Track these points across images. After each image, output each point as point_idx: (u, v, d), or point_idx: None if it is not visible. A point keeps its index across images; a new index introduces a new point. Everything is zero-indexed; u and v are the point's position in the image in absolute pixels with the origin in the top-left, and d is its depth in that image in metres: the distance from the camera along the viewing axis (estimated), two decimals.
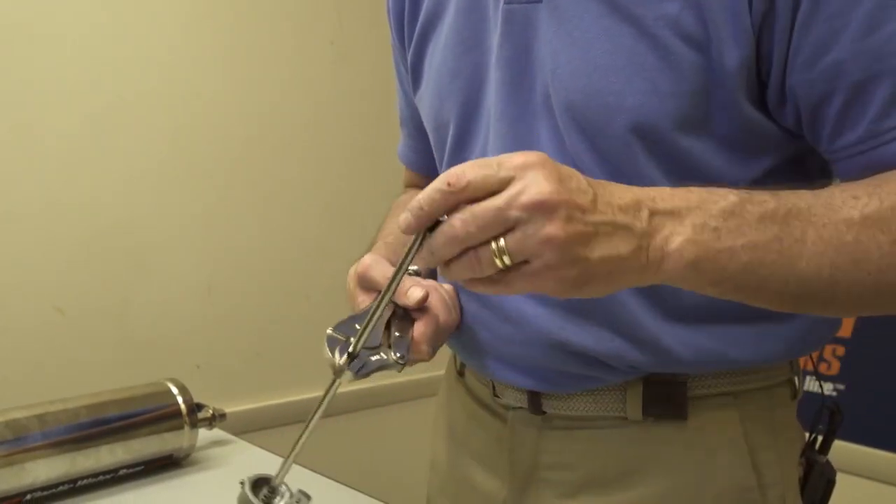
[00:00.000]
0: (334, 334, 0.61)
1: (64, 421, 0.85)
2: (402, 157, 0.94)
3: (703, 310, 0.64)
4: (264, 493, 0.63)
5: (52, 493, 0.83)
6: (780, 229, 0.52)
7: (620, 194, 0.51)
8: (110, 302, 1.46)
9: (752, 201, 0.53)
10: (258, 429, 1.50)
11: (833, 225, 0.53)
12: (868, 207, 0.53)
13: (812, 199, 0.54)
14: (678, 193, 0.53)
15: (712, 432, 0.66)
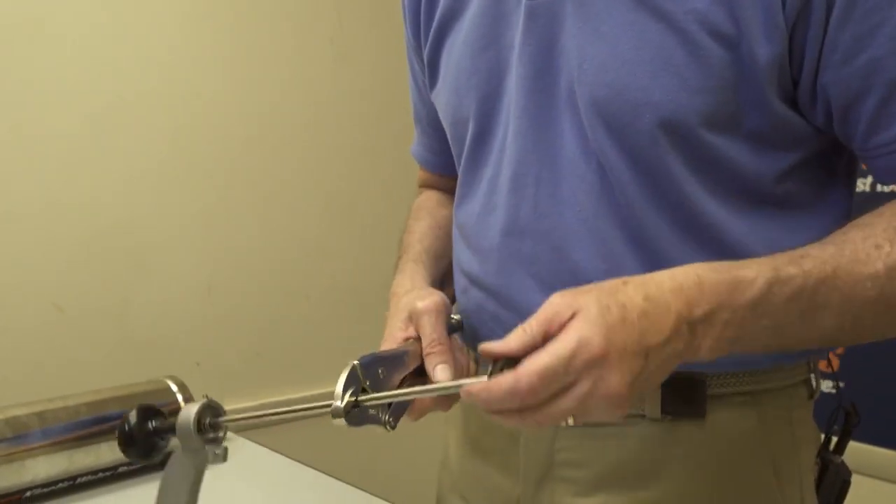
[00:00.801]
0: (357, 373, 0.59)
1: (64, 419, 0.85)
2: (417, 155, 0.94)
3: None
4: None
5: (52, 490, 0.84)
6: (807, 303, 0.54)
7: (662, 320, 0.52)
8: (110, 301, 1.46)
9: (779, 281, 0.54)
10: (257, 426, 1.50)
11: (859, 283, 0.54)
12: (891, 257, 0.54)
13: (837, 258, 0.55)
14: (708, 286, 0.53)
15: (730, 431, 0.66)
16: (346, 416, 0.56)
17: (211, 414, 0.64)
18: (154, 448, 0.66)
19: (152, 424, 0.65)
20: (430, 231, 0.85)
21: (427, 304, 0.67)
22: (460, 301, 0.79)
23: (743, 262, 0.55)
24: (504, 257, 0.70)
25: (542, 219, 0.67)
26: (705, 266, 0.54)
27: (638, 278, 0.53)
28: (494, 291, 0.72)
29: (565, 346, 0.49)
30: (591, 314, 0.50)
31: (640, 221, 0.64)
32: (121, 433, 0.64)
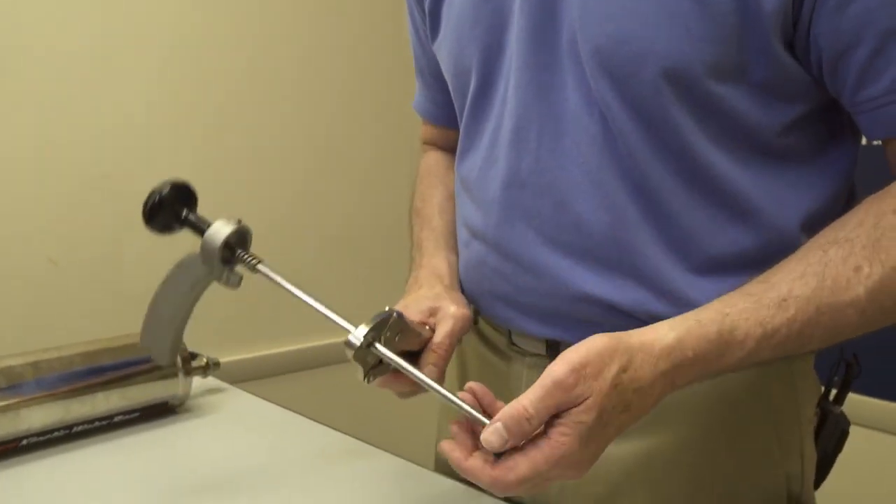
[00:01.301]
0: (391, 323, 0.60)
1: (58, 369, 0.86)
2: (419, 108, 0.93)
3: (729, 262, 0.65)
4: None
5: (48, 438, 0.84)
6: (791, 346, 0.55)
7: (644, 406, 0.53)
8: (104, 253, 1.45)
9: (766, 337, 0.55)
10: (253, 378, 1.51)
11: (841, 312, 0.55)
12: (871, 279, 0.55)
13: (819, 294, 0.55)
14: (700, 359, 0.54)
15: (730, 382, 0.67)
16: (356, 351, 0.58)
17: (238, 238, 0.64)
18: (171, 229, 0.67)
19: (185, 212, 0.66)
20: (447, 203, 0.85)
21: (459, 314, 0.69)
22: (462, 254, 0.79)
23: (735, 311, 0.55)
24: (505, 210, 0.70)
25: (544, 172, 0.67)
26: (700, 332, 0.54)
27: (639, 357, 0.53)
28: (496, 244, 0.72)
29: (548, 459, 0.51)
30: (583, 428, 0.51)
31: (643, 173, 0.63)
32: (150, 201, 0.66)
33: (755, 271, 0.65)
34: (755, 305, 0.55)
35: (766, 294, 0.55)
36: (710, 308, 0.55)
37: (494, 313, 0.76)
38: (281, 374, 1.67)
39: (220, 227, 0.63)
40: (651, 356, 0.53)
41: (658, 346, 0.53)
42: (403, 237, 0.91)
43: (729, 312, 0.55)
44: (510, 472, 0.51)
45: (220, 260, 0.63)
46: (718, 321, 0.54)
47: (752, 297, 0.55)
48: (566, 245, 0.67)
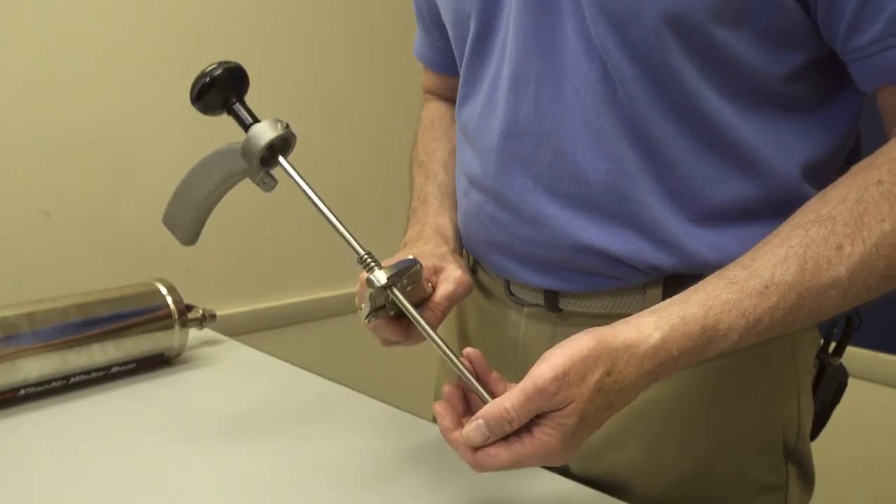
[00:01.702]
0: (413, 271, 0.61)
1: (53, 320, 0.85)
2: (419, 55, 0.91)
3: (729, 212, 0.64)
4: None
5: (46, 388, 0.84)
6: (774, 332, 0.56)
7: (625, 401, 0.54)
8: (97, 205, 1.44)
9: (748, 328, 0.55)
10: (249, 331, 1.51)
11: (823, 295, 0.55)
12: (853, 258, 0.54)
13: (800, 278, 0.54)
14: (683, 356, 0.54)
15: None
16: (375, 289, 0.58)
17: (283, 145, 0.63)
18: (214, 109, 0.64)
19: (233, 101, 0.64)
20: (450, 158, 0.84)
21: (463, 279, 0.69)
22: (461, 204, 0.78)
23: (718, 303, 0.55)
24: (504, 159, 0.69)
25: (543, 119, 0.66)
26: (684, 330, 0.54)
27: (623, 359, 0.53)
28: (494, 193, 0.71)
29: (531, 455, 0.53)
30: (566, 430, 0.52)
31: (643, 121, 0.62)
32: (201, 81, 0.63)
33: (755, 221, 0.64)
34: (738, 296, 0.55)
35: (748, 282, 0.55)
36: (694, 301, 0.55)
37: (492, 263, 0.75)
38: (278, 327, 1.67)
39: (265, 128, 0.61)
40: (636, 357, 0.53)
41: (643, 348, 0.53)
42: (401, 187, 0.90)
43: (712, 305, 0.55)
44: (491, 459, 0.53)
45: (259, 160, 0.61)
46: (702, 317, 0.54)
47: (734, 286, 0.55)
48: (565, 194, 0.66)
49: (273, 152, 0.62)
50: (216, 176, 0.64)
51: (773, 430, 0.70)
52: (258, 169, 0.62)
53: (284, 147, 0.62)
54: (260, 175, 0.63)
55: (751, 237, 0.64)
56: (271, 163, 0.62)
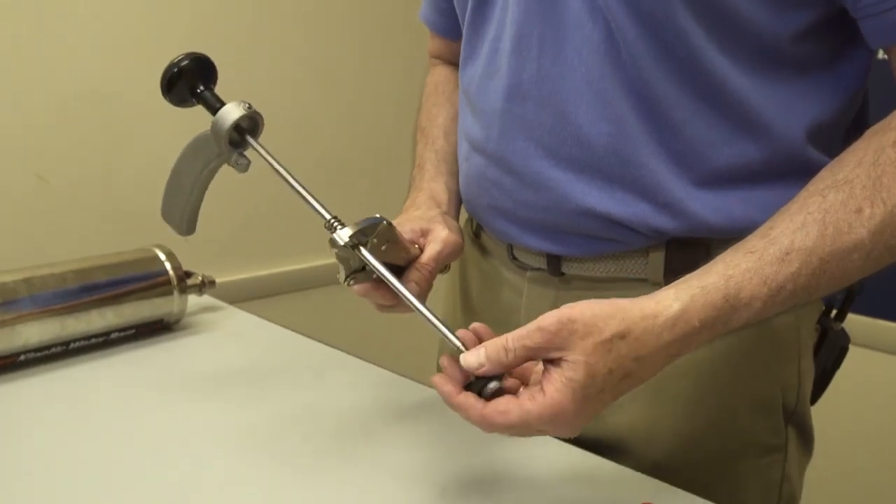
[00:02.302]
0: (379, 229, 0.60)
1: (52, 285, 0.85)
2: (425, 18, 0.89)
3: (734, 175, 0.63)
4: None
5: (46, 354, 0.84)
6: (797, 300, 0.54)
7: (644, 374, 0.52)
8: (94, 171, 1.43)
9: (771, 295, 0.53)
10: (249, 299, 1.51)
11: (845, 259, 0.53)
12: (874, 219, 0.53)
13: (821, 244, 0.53)
14: (707, 327, 0.52)
15: None
16: (339, 248, 0.58)
17: (249, 123, 0.64)
18: (186, 102, 0.67)
19: (200, 88, 0.66)
20: (452, 125, 0.83)
21: (449, 239, 0.69)
22: (462, 168, 0.78)
23: (738, 272, 0.53)
24: (506, 122, 0.69)
25: (545, 82, 0.65)
26: (705, 299, 0.53)
27: (640, 326, 0.51)
28: (496, 157, 0.71)
29: (541, 414, 0.51)
30: (575, 386, 0.50)
31: (646, 82, 0.61)
32: (169, 72, 0.66)
33: (759, 184, 0.64)
34: (758, 264, 0.53)
35: (768, 250, 0.54)
36: (713, 272, 0.54)
37: (495, 228, 0.75)
38: (278, 294, 1.67)
39: (230, 109, 0.63)
40: (655, 327, 0.52)
41: (662, 318, 0.52)
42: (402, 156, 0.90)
43: (732, 275, 0.53)
44: (500, 416, 0.51)
45: (227, 142, 0.63)
46: (723, 286, 0.53)
47: (753, 254, 0.54)
48: (567, 158, 0.66)
49: (241, 133, 0.63)
50: (197, 164, 0.65)
51: (773, 392, 0.70)
52: (229, 151, 0.63)
53: (254, 129, 0.64)
54: (233, 157, 0.64)
55: (755, 200, 0.63)
56: (242, 144, 0.64)
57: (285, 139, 1.66)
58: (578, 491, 0.63)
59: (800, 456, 0.74)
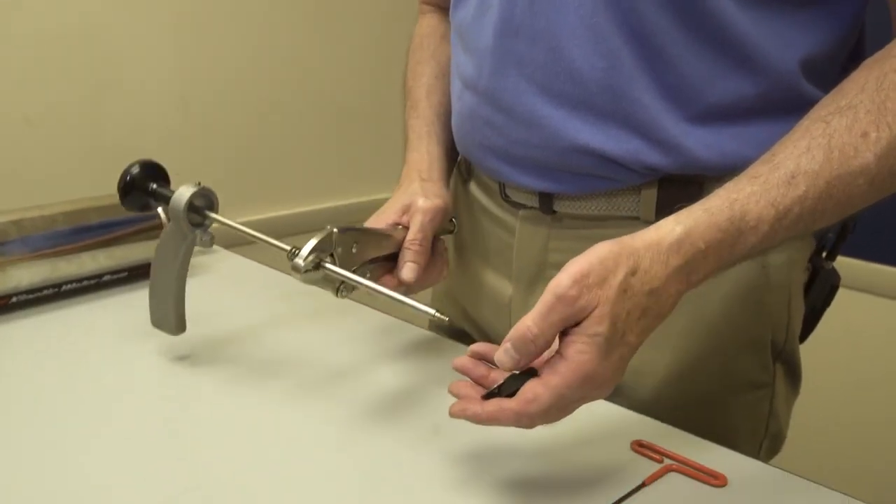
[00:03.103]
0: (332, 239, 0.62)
1: (42, 227, 0.84)
2: None
3: (727, 110, 0.63)
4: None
5: (38, 296, 0.84)
6: (803, 225, 0.53)
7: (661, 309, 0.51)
8: (81, 113, 1.41)
9: (778, 217, 0.52)
10: (242, 243, 1.51)
11: (852, 184, 0.53)
12: (880, 143, 0.52)
13: (828, 167, 0.52)
14: (713, 251, 0.51)
15: None
16: (303, 273, 0.60)
17: (203, 201, 0.68)
18: (147, 206, 0.71)
19: (153, 186, 0.70)
20: (436, 82, 0.82)
21: (427, 206, 0.69)
22: (454, 107, 0.77)
23: (743, 195, 0.52)
24: (498, 59, 0.68)
25: (538, 17, 0.64)
26: (709, 221, 0.51)
27: (647, 257, 0.50)
28: (488, 95, 0.70)
29: (570, 383, 0.49)
30: (600, 340, 0.49)
31: (639, 16, 0.60)
32: (122, 181, 0.70)
33: (753, 120, 0.63)
34: (763, 187, 0.52)
35: (773, 174, 0.53)
36: (717, 196, 0.53)
37: (486, 166, 0.75)
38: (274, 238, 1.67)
39: (182, 191, 0.67)
40: (660, 254, 0.50)
41: (666, 243, 0.51)
42: (394, 98, 0.88)
43: (737, 198, 0.52)
44: (532, 405, 0.49)
45: (188, 222, 0.67)
46: (728, 208, 0.52)
47: (758, 179, 0.53)
48: (560, 94, 0.65)
49: (198, 211, 0.67)
50: (170, 259, 0.70)
51: (763, 331, 0.71)
52: (192, 231, 0.67)
53: (210, 205, 0.68)
54: (199, 235, 0.68)
55: (748, 137, 0.63)
56: (202, 221, 0.68)
57: (275, 78, 1.64)
58: (570, 429, 0.64)
59: (787, 393, 0.75)
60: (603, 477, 0.58)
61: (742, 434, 0.72)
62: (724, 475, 0.57)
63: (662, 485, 0.57)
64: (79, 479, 0.57)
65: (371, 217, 0.72)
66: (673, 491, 0.56)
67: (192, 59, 1.52)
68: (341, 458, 0.60)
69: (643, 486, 0.56)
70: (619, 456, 0.60)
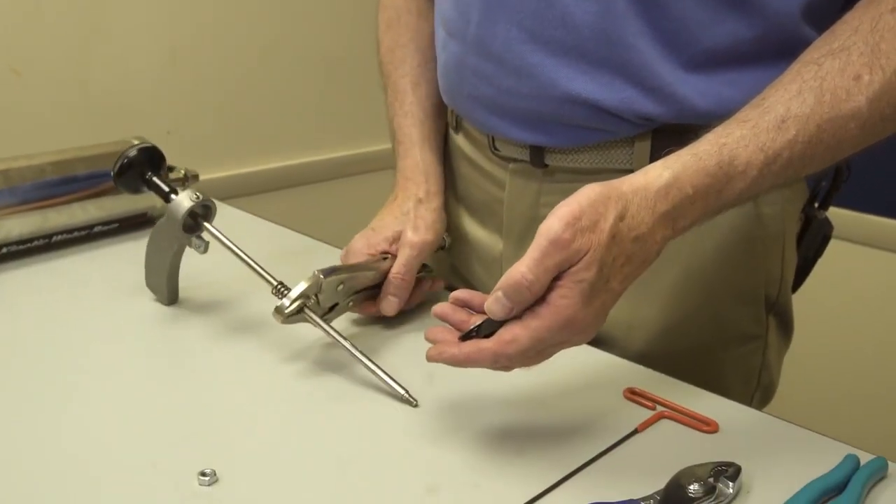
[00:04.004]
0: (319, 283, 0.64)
1: (29, 177, 0.83)
2: None
3: (724, 56, 0.61)
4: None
5: (28, 247, 0.84)
6: (792, 170, 0.52)
7: (646, 256, 0.50)
8: (69, 65, 1.38)
9: (767, 163, 0.51)
10: (234, 196, 1.49)
11: (842, 128, 0.52)
12: (872, 86, 0.51)
13: (819, 111, 0.51)
14: (700, 196, 0.51)
15: None
16: (286, 318, 0.62)
17: (203, 211, 0.69)
18: (138, 191, 0.71)
19: (150, 174, 0.71)
20: (421, 71, 0.79)
21: (415, 241, 0.71)
22: (440, 57, 0.75)
23: (732, 140, 0.51)
24: (486, 6, 0.66)
25: None
26: (698, 165, 0.50)
27: (634, 202, 0.49)
28: (476, 43, 0.68)
29: (551, 327, 0.49)
30: (585, 286, 0.48)
31: None
32: (119, 162, 0.70)
33: (750, 65, 0.62)
34: (753, 132, 0.51)
35: (763, 118, 0.52)
36: (706, 140, 0.52)
37: (475, 118, 0.73)
38: (263, 192, 1.66)
39: (182, 200, 0.68)
40: (647, 199, 0.49)
41: (654, 188, 0.50)
42: None
43: (726, 142, 0.51)
44: (510, 346, 0.49)
45: (182, 229, 0.68)
46: (716, 153, 0.51)
47: (748, 123, 0.52)
48: (551, 41, 0.63)
49: (195, 219, 0.68)
50: (164, 245, 0.71)
51: (755, 282, 0.71)
52: (185, 236, 0.69)
53: (207, 214, 0.69)
54: (192, 240, 0.70)
55: (744, 83, 0.61)
56: (198, 228, 0.69)
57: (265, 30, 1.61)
58: (563, 377, 0.64)
59: (779, 344, 0.75)
60: (596, 424, 0.58)
61: (734, 386, 0.72)
62: (715, 422, 0.57)
63: (655, 431, 0.57)
64: (72, 429, 0.57)
65: (360, 235, 0.73)
66: (665, 437, 0.57)
67: (182, 9, 1.49)
68: (333, 407, 0.61)
69: (636, 432, 0.57)
70: (612, 403, 0.61)
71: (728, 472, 0.50)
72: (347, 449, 0.55)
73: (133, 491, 0.50)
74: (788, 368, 0.79)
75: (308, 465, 0.53)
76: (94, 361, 0.66)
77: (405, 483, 0.52)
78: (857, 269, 1.49)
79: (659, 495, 0.49)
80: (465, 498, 0.50)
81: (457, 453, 0.55)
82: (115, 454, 0.54)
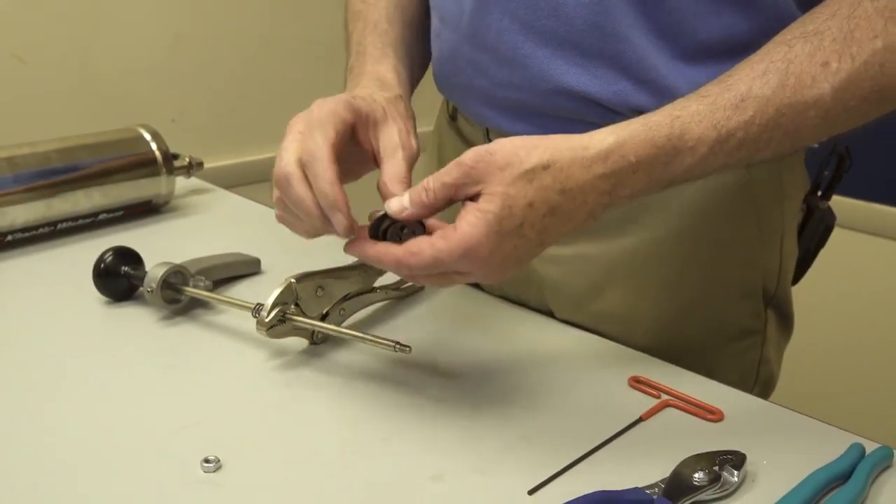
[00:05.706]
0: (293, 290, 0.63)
1: (34, 165, 0.83)
2: None
3: (720, 48, 0.60)
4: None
5: (34, 234, 0.84)
6: (745, 152, 0.51)
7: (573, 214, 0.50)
8: (72, 51, 1.38)
9: (720, 140, 0.50)
10: (238, 184, 1.49)
11: (802, 114, 0.51)
12: (839, 75, 0.50)
13: (780, 94, 0.50)
14: (644, 166, 0.49)
15: (716, 176, 0.65)
16: (268, 330, 0.61)
17: (177, 277, 0.70)
18: (125, 288, 0.73)
19: (124, 269, 0.73)
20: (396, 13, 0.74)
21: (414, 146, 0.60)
22: (434, 47, 0.74)
23: (687, 114, 0.50)
24: None
25: None
26: (646, 135, 0.50)
27: (567, 156, 0.49)
28: (469, 33, 0.67)
29: (452, 250, 0.49)
30: (490, 217, 0.49)
31: None
32: (96, 269, 0.72)
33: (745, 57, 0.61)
34: (710, 108, 0.50)
35: (723, 95, 0.50)
36: (661, 111, 0.51)
37: (469, 110, 0.72)
38: (267, 180, 1.66)
39: (153, 271, 0.70)
40: (584, 158, 0.49)
41: (593, 150, 0.49)
42: None
43: (680, 115, 0.50)
44: (413, 257, 0.51)
45: (163, 300, 0.70)
46: (668, 125, 0.50)
47: (706, 98, 0.51)
48: (544, 32, 0.62)
49: (175, 287, 0.70)
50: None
51: (754, 276, 0.70)
52: (167, 307, 0.70)
53: (185, 280, 0.71)
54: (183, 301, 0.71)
55: None
56: (177, 299, 0.71)
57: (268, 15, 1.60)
58: (569, 365, 0.64)
59: (778, 338, 0.74)
60: (601, 412, 0.58)
61: (731, 382, 0.72)
62: (720, 410, 0.57)
63: (659, 419, 0.57)
64: (77, 416, 0.57)
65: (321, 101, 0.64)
66: (670, 425, 0.57)
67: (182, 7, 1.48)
68: (336, 394, 0.61)
69: (640, 420, 0.57)
70: (617, 391, 0.61)
71: (733, 461, 0.50)
72: (351, 436, 0.55)
73: (137, 478, 0.51)
74: (793, 359, 0.79)
75: (311, 451, 0.54)
76: (98, 348, 0.66)
77: (410, 471, 0.52)
78: (860, 258, 1.48)
79: (664, 483, 0.49)
80: (470, 485, 0.51)
81: (462, 441, 0.55)
82: (118, 441, 0.54)
